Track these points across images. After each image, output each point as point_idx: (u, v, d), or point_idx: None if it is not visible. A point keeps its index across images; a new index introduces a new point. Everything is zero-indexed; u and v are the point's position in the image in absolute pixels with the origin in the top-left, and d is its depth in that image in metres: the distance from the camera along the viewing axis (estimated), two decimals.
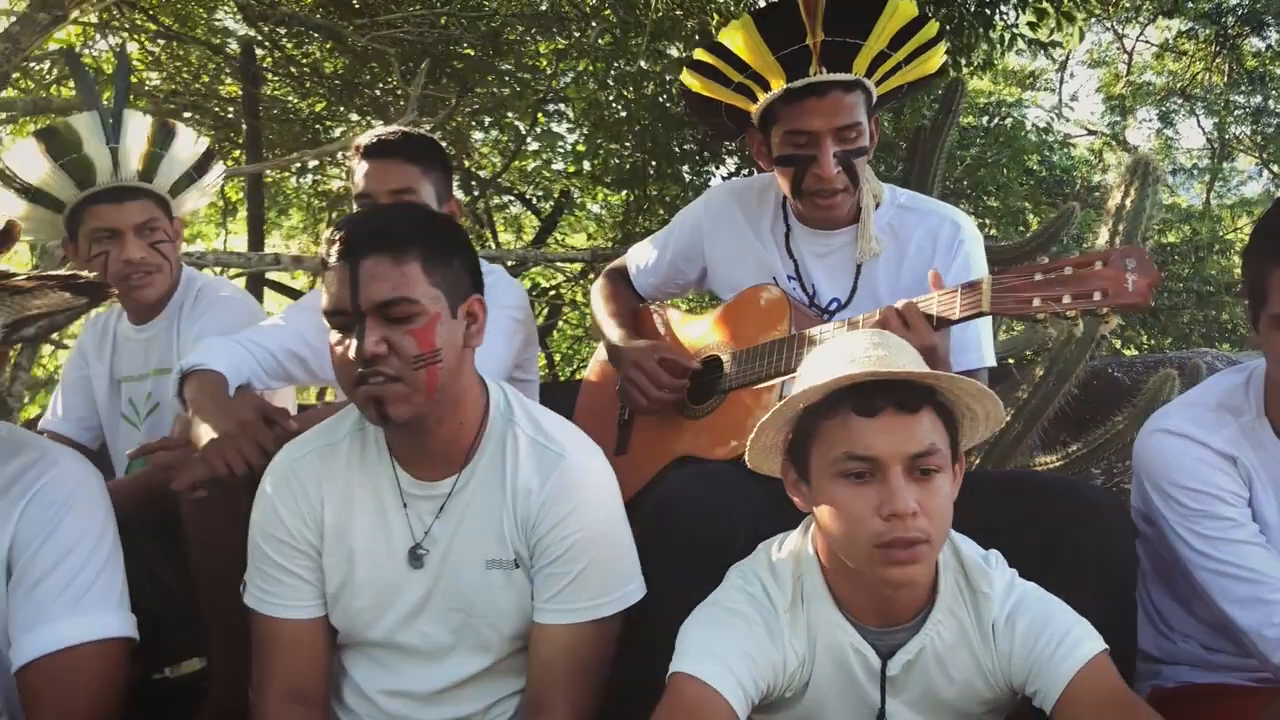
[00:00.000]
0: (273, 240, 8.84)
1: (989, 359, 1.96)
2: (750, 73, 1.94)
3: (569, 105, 6.67)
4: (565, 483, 1.52)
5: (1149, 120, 13.27)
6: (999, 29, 5.39)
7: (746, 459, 1.45)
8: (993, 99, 9.81)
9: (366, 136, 2.11)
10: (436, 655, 1.59)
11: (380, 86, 6.13)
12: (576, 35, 5.76)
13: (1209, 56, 11.47)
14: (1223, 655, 1.65)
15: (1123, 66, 13.40)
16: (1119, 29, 12.82)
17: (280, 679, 1.57)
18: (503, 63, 5.99)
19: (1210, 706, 1.61)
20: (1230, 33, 10.47)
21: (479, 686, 1.60)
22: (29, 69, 5.25)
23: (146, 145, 2.20)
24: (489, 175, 7.59)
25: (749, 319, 2.02)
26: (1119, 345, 8.43)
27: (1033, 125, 8.92)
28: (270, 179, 7.07)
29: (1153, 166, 2.89)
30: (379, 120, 5.93)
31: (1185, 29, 11.56)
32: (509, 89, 6.16)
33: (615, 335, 2.17)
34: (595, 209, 8.69)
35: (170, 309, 2.31)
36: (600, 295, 2.33)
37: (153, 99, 5.74)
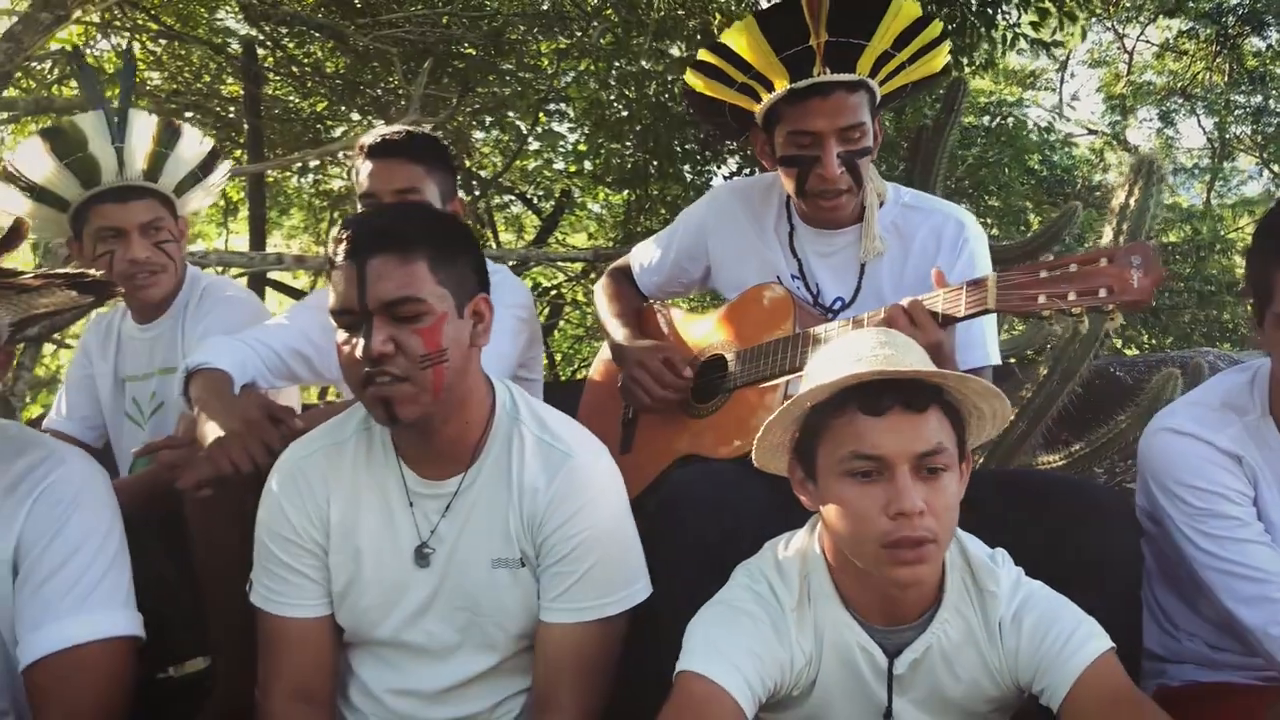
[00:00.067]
0: (274, 240, 8.84)
1: (994, 357, 1.96)
2: (754, 73, 1.94)
3: (570, 105, 6.67)
4: (572, 481, 1.52)
5: (1149, 120, 13.27)
6: (1001, 28, 5.38)
7: (753, 457, 1.45)
8: (993, 99, 9.81)
9: (371, 136, 2.10)
10: (442, 654, 1.59)
11: (381, 86, 6.12)
12: (578, 35, 5.75)
13: (1209, 56, 11.46)
14: (1228, 654, 1.65)
15: (1123, 66, 13.39)
16: (1119, 29, 12.82)
17: (286, 678, 1.57)
18: (504, 62, 5.99)
19: (1216, 705, 1.60)
20: (1231, 32, 10.46)
21: (485, 685, 1.60)
22: (31, 69, 5.24)
23: (152, 145, 2.20)
24: (490, 175, 7.58)
25: (753, 318, 2.02)
26: (1120, 345, 8.42)
27: (1034, 125, 8.91)
28: (272, 179, 7.07)
29: (1156, 165, 2.89)
30: (380, 120, 5.92)
31: (1186, 29, 11.54)
32: (510, 88, 6.15)
33: (619, 334, 2.17)
34: (596, 209, 8.69)
35: (175, 308, 2.31)
36: (604, 294, 2.33)
37: (154, 99, 5.73)
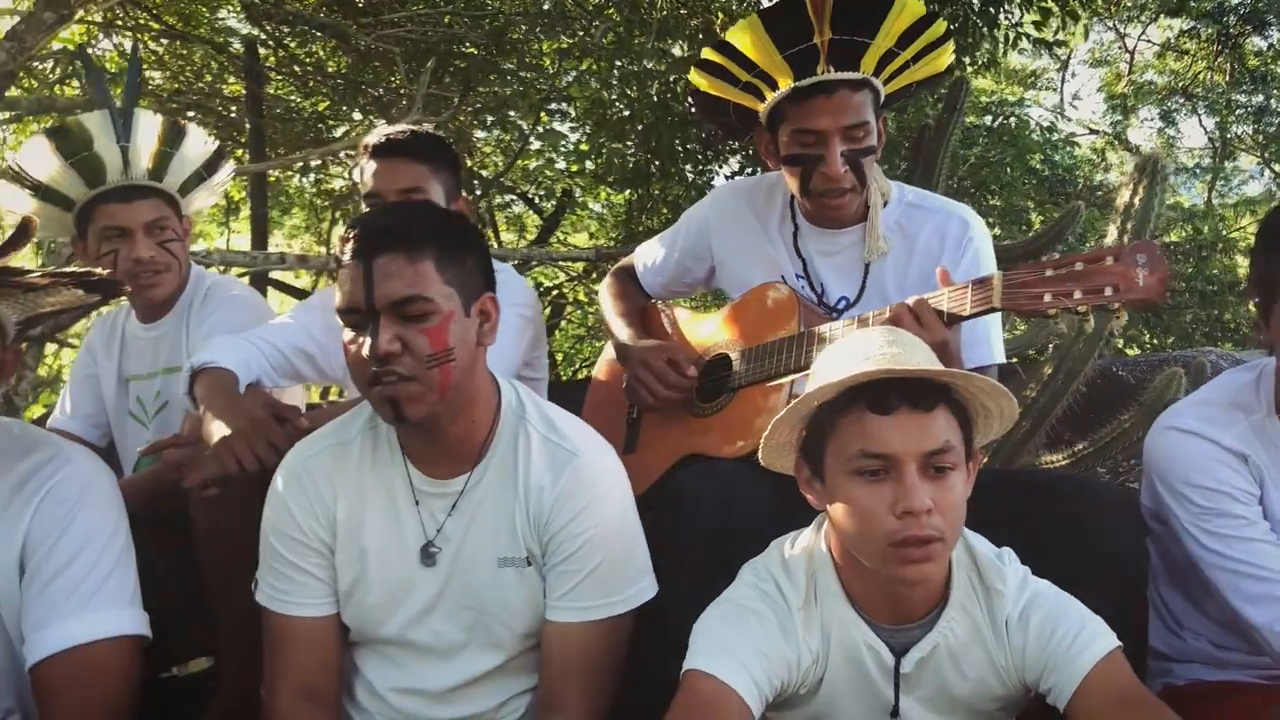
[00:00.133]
0: (275, 239, 8.85)
1: (999, 355, 1.96)
2: (758, 72, 1.94)
3: (572, 104, 6.67)
4: (578, 480, 1.52)
5: (1151, 119, 13.29)
6: (1003, 28, 5.37)
7: (760, 456, 1.44)
8: (995, 98, 9.81)
9: (375, 136, 2.10)
10: (448, 653, 1.59)
11: (383, 86, 6.13)
12: (580, 34, 5.75)
13: (1211, 55, 11.46)
14: (1234, 653, 1.65)
15: (1124, 65, 13.40)
16: (1121, 28, 12.82)
17: (292, 677, 1.57)
18: (505, 62, 5.99)
19: (1221, 704, 1.60)
20: (1232, 32, 10.46)
21: (491, 684, 1.60)
22: (33, 68, 5.25)
23: (157, 144, 2.20)
24: (491, 175, 7.58)
25: (758, 317, 2.02)
26: (1122, 344, 8.42)
27: (1036, 125, 8.92)
28: (273, 178, 7.08)
29: (1161, 165, 2.89)
30: (382, 120, 5.92)
31: (1187, 28, 11.55)
32: (512, 88, 6.16)
33: (624, 334, 2.17)
34: (597, 208, 8.70)
35: (179, 307, 2.31)
36: (608, 294, 2.33)
37: (156, 98, 5.74)
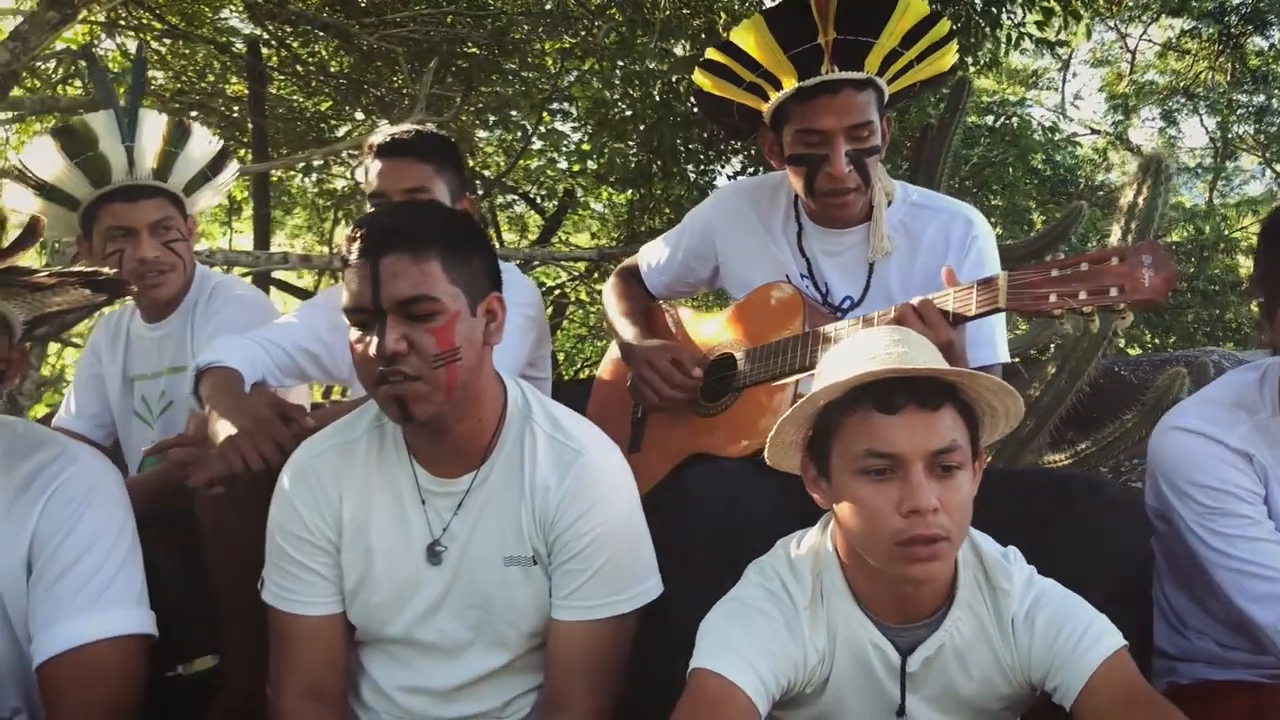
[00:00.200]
0: (277, 239, 8.86)
1: (1003, 354, 1.95)
2: (762, 72, 1.94)
3: (574, 104, 6.67)
4: (584, 479, 1.52)
5: (1152, 119, 13.29)
6: (1006, 28, 5.37)
7: (766, 455, 1.45)
8: (996, 98, 9.82)
9: (380, 135, 2.10)
10: (454, 652, 1.59)
11: (386, 86, 6.13)
12: (583, 34, 5.75)
13: (1212, 55, 11.47)
14: (1238, 652, 1.65)
15: (1125, 65, 13.40)
16: (1122, 28, 12.83)
17: (298, 676, 1.57)
18: (508, 62, 5.99)
19: (1226, 704, 1.60)
20: (1233, 32, 10.47)
21: (497, 683, 1.60)
22: (36, 68, 5.25)
23: (162, 144, 2.20)
24: (493, 174, 7.59)
25: (762, 317, 2.02)
26: (1123, 344, 8.43)
27: (1038, 125, 8.92)
28: (275, 178, 7.08)
29: (1164, 164, 2.89)
30: (384, 119, 5.93)
31: (1188, 28, 11.56)
32: (514, 88, 6.16)
33: (628, 334, 2.17)
34: (599, 208, 8.70)
35: (184, 307, 2.31)
36: (612, 294, 2.33)
37: (159, 98, 5.74)
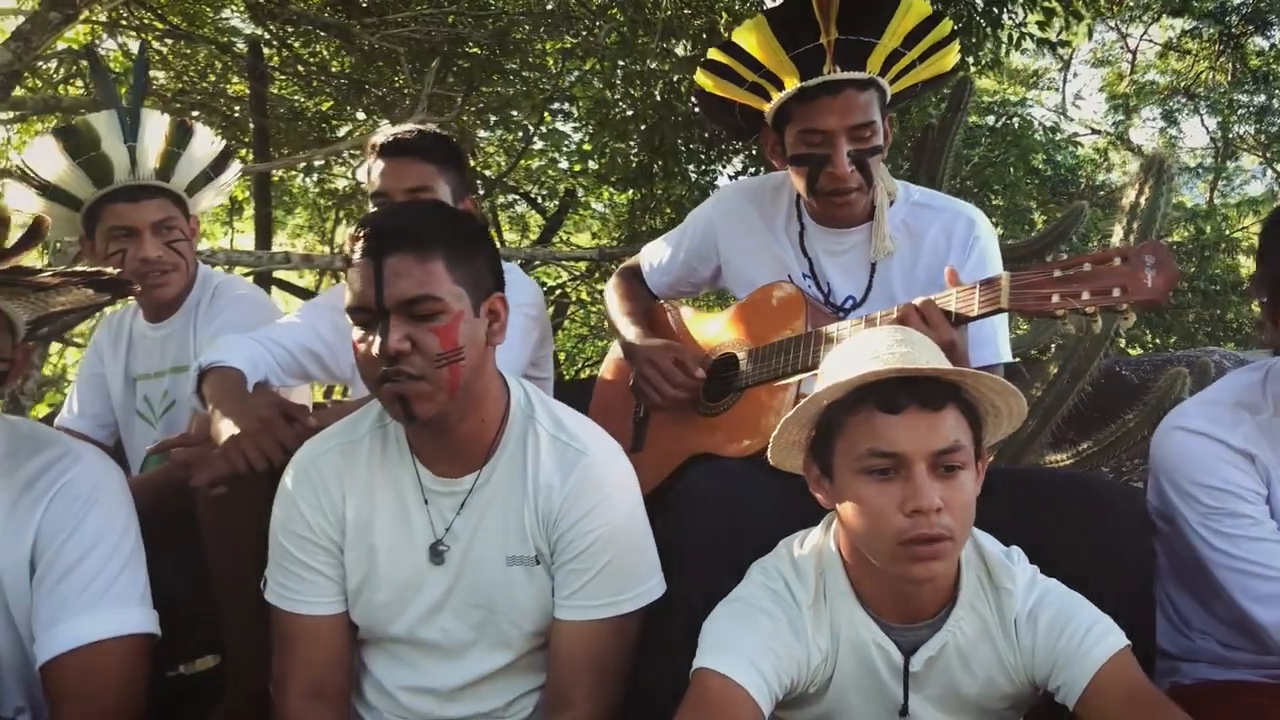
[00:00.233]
0: (278, 239, 8.85)
1: (1005, 354, 1.96)
2: (764, 72, 1.94)
3: (575, 104, 6.67)
4: (587, 479, 1.52)
5: (1153, 119, 13.29)
6: (1007, 28, 5.37)
7: (769, 455, 1.45)
8: (997, 98, 9.82)
9: (382, 135, 2.10)
10: (457, 651, 1.59)
11: (387, 86, 6.13)
12: (584, 34, 5.75)
13: (1213, 55, 11.47)
14: (1241, 653, 1.64)
15: (1126, 65, 13.40)
16: (1123, 28, 12.83)
17: (301, 675, 1.57)
18: (509, 62, 5.99)
19: (1229, 704, 1.60)
20: (1234, 32, 10.47)
21: (499, 683, 1.61)
22: (38, 68, 5.25)
23: (164, 144, 2.21)
24: (494, 174, 7.59)
25: (764, 317, 2.02)
26: (1124, 344, 8.43)
27: (1039, 125, 8.92)
28: (276, 178, 7.08)
29: (1166, 164, 2.89)
30: (385, 119, 5.93)
31: (1189, 28, 11.56)
32: (515, 88, 6.16)
33: (630, 333, 2.17)
34: (600, 208, 8.70)
35: (187, 307, 2.32)
36: (615, 294, 2.33)
37: (160, 98, 5.74)
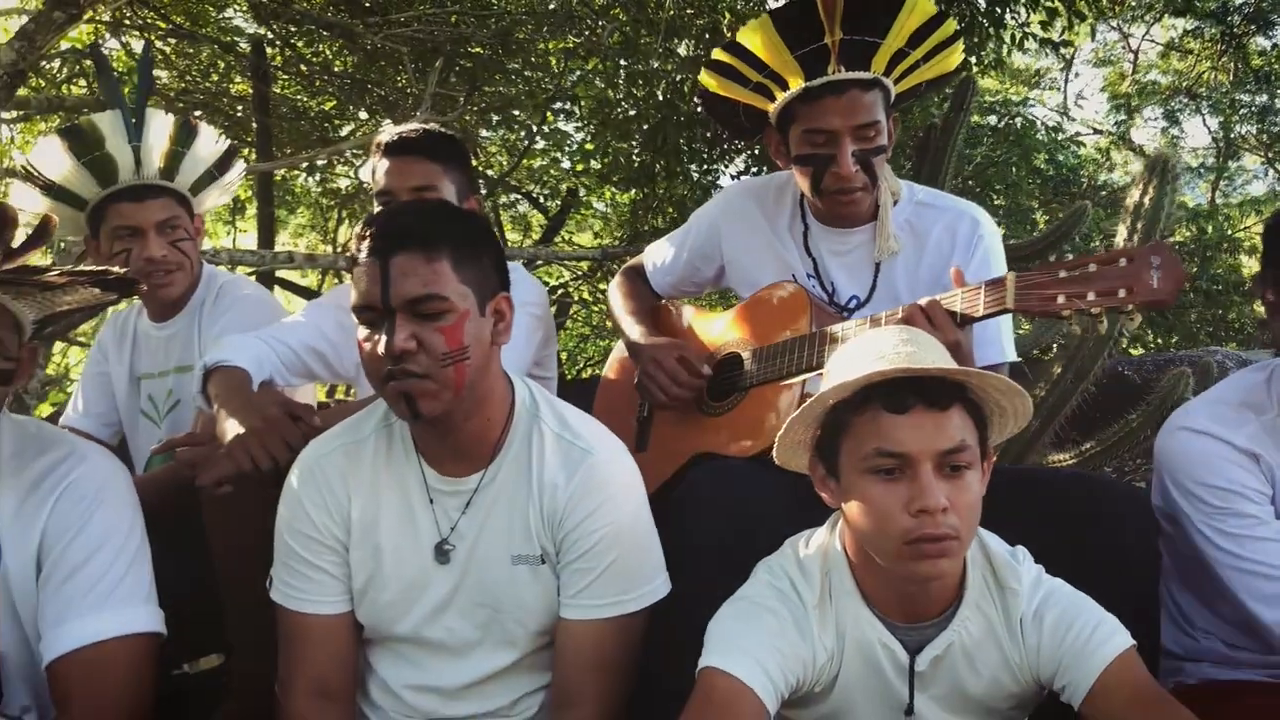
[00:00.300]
0: (280, 238, 8.86)
1: (1010, 354, 1.96)
2: (768, 72, 1.94)
3: (577, 104, 6.67)
4: (592, 478, 1.52)
5: (1154, 119, 13.28)
6: (1010, 28, 5.37)
7: (775, 455, 1.45)
8: (999, 98, 9.81)
9: (387, 134, 2.10)
10: (462, 650, 1.59)
11: (390, 85, 6.14)
12: (587, 34, 5.75)
13: (1215, 55, 11.46)
14: (1246, 652, 1.64)
15: (1128, 65, 13.39)
16: (1124, 28, 12.82)
17: (307, 675, 1.57)
18: (511, 61, 6.00)
19: (1233, 704, 1.60)
20: (1236, 32, 10.46)
21: (505, 682, 1.61)
22: (41, 68, 5.26)
23: (168, 144, 2.21)
24: (497, 174, 7.59)
25: (769, 316, 2.02)
26: (1126, 344, 8.42)
27: (1042, 124, 8.92)
28: (279, 177, 7.09)
29: (1170, 165, 2.89)
30: (388, 119, 5.94)
31: (1191, 28, 11.55)
32: (518, 88, 6.16)
33: (634, 332, 2.17)
34: (602, 208, 8.70)
35: (191, 306, 2.32)
36: (618, 293, 2.33)
37: (163, 97, 5.75)
